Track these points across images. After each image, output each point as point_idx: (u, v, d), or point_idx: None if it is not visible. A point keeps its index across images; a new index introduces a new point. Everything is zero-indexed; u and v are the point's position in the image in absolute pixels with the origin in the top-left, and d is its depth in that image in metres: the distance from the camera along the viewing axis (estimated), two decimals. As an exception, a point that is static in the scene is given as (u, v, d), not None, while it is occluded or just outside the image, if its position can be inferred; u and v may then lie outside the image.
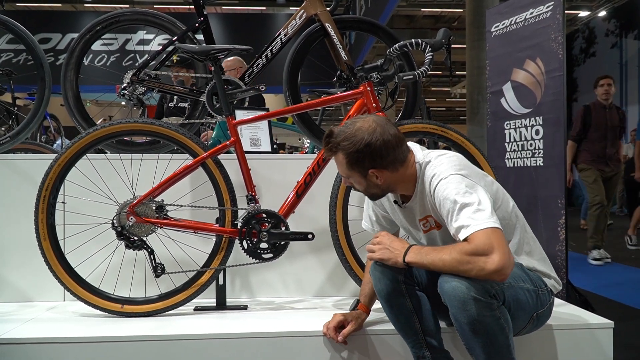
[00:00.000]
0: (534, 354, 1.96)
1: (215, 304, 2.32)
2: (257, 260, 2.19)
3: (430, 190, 1.68)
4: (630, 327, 3.11)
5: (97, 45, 2.92)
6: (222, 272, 2.30)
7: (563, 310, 2.20)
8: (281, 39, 2.72)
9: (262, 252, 2.20)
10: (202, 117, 2.79)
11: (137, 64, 2.64)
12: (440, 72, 19.09)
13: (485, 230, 1.47)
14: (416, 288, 1.78)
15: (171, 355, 1.92)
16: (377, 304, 2.27)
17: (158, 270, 2.17)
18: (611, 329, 2.01)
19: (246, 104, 2.85)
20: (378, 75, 2.22)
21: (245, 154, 2.24)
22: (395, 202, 1.88)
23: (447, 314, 1.84)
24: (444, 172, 1.65)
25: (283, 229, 2.19)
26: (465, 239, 1.50)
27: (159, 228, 2.18)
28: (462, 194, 1.56)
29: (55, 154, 2.20)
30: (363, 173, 1.70)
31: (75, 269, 2.20)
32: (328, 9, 2.71)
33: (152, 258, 2.18)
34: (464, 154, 2.18)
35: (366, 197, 2.04)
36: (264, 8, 15.03)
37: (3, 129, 4.22)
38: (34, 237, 2.14)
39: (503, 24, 3.14)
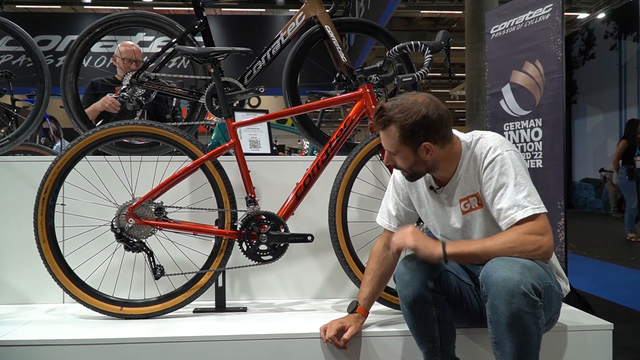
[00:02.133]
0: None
1: (214, 306, 2.32)
2: (257, 262, 2.19)
3: (484, 161, 1.69)
4: (629, 329, 3.11)
5: (96, 47, 2.92)
6: (221, 274, 2.30)
7: (563, 312, 2.19)
8: (280, 40, 2.72)
9: (261, 254, 2.19)
10: (202, 119, 2.79)
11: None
12: (439, 74, 19.12)
13: (541, 214, 1.59)
14: (443, 297, 1.74)
15: (170, 357, 1.92)
16: (376, 306, 2.27)
17: (157, 272, 2.17)
18: (610, 330, 2.01)
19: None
20: (377, 77, 2.23)
21: (245, 156, 2.24)
22: (431, 187, 1.85)
23: (463, 318, 1.84)
24: (502, 146, 1.68)
25: (282, 230, 2.19)
26: (520, 220, 1.58)
27: (158, 230, 2.18)
28: (520, 173, 1.63)
29: (55, 156, 2.19)
30: (414, 147, 1.69)
31: (74, 270, 2.20)
32: (327, 11, 2.72)
33: (152, 260, 2.17)
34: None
35: (388, 191, 2.02)
36: (263, 10, 15.06)
37: (2, 131, 4.21)
38: (33, 239, 2.14)
39: (502, 26, 3.14)
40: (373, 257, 1.98)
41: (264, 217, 2.19)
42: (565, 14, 2.92)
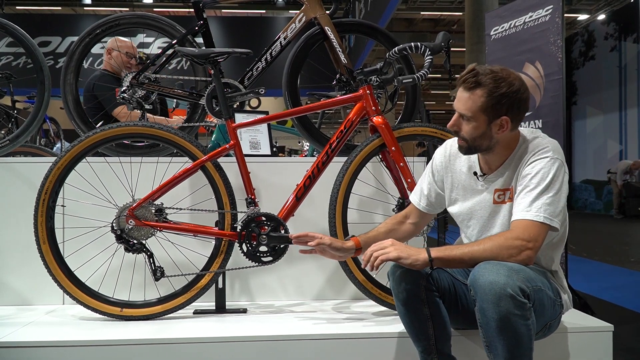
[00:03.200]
0: (534, 357, 1.95)
1: (214, 308, 2.32)
2: (257, 264, 2.19)
3: (531, 157, 1.69)
4: (630, 331, 3.10)
5: (96, 49, 2.92)
6: (221, 275, 2.30)
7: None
8: (281, 42, 2.72)
9: (261, 255, 2.19)
10: (202, 120, 2.79)
11: (137, 67, 2.65)
12: (439, 75, 19.13)
13: (543, 225, 1.59)
14: (436, 294, 1.75)
15: (171, 359, 1.91)
16: (376, 307, 2.27)
17: (157, 273, 2.17)
18: (611, 332, 2.01)
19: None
20: (377, 79, 2.23)
21: (245, 157, 2.24)
22: (474, 173, 1.85)
23: (459, 319, 1.85)
24: (555, 151, 1.69)
25: (282, 232, 2.19)
26: (524, 219, 1.60)
27: (158, 231, 2.18)
28: (554, 183, 1.63)
29: (55, 157, 2.20)
30: (491, 119, 1.67)
31: (74, 272, 2.20)
32: (327, 12, 2.72)
33: (152, 261, 2.17)
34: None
35: (425, 172, 2.02)
36: (264, 11, 15.07)
37: (3, 132, 4.21)
38: (33, 240, 2.14)
39: (502, 27, 3.15)
40: (392, 217, 2.04)
41: (264, 218, 2.19)
42: (565, 15, 2.92)
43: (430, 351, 1.76)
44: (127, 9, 14.12)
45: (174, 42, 2.67)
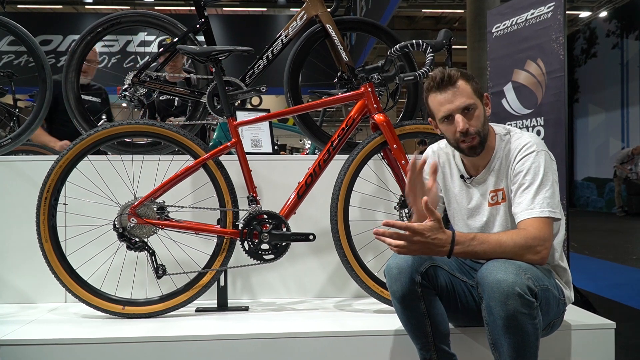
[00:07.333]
0: (536, 355, 1.95)
1: (216, 305, 2.32)
2: (259, 262, 2.19)
3: (516, 155, 1.72)
4: (631, 328, 3.10)
5: (98, 47, 2.92)
6: (223, 273, 2.30)
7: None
8: (282, 40, 2.72)
9: (263, 253, 2.19)
10: (204, 118, 2.79)
11: (138, 66, 2.65)
12: (441, 73, 19.01)
13: (551, 219, 1.63)
14: (432, 292, 1.75)
15: (172, 357, 1.92)
16: (377, 305, 2.27)
17: (159, 271, 2.17)
18: (613, 329, 2.01)
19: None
20: (379, 76, 2.23)
21: (247, 155, 2.24)
22: (461, 176, 1.87)
23: (458, 316, 1.85)
24: (538, 144, 1.72)
25: (284, 230, 2.19)
26: (532, 218, 1.61)
27: (160, 229, 2.18)
28: (547, 174, 1.66)
29: (57, 156, 2.20)
30: (481, 99, 1.75)
31: (76, 270, 2.20)
32: (329, 10, 2.72)
33: (154, 259, 2.18)
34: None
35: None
36: (265, 9, 15.06)
37: (4, 130, 4.22)
38: (35, 239, 2.15)
39: (504, 24, 3.14)
40: None
41: (265, 216, 2.19)
42: (567, 12, 2.91)
43: (429, 348, 1.76)
44: (129, 7, 14.11)
45: (175, 40, 2.67)
